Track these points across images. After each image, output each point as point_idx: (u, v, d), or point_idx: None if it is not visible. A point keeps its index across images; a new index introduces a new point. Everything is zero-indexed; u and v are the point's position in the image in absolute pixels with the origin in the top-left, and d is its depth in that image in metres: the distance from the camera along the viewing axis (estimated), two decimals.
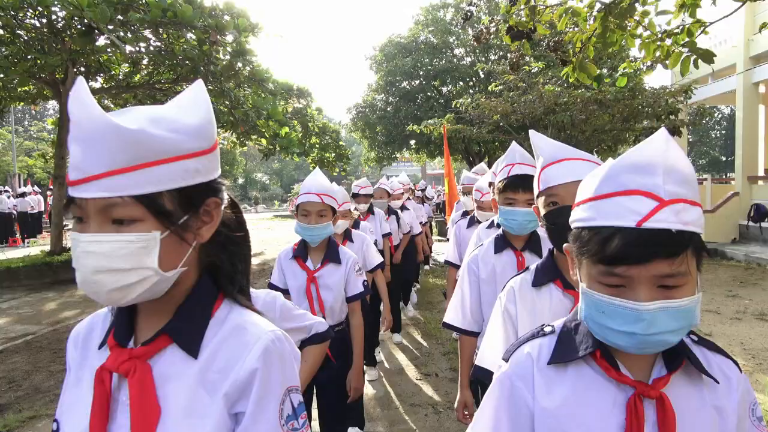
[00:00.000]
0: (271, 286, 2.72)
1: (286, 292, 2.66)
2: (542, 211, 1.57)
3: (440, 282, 9.17)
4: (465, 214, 4.88)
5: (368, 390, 4.39)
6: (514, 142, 2.34)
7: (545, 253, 2.07)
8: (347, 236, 3.83)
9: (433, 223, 14.18)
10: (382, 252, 5.28)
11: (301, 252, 2.71)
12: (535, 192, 1.61)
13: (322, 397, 2.72)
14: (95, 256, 0.82)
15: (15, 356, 5.51)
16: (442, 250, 12.65)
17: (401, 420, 3.90)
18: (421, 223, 7.25)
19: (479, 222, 3.75)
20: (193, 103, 0.93)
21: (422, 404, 4.15)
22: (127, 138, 0.80)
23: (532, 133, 1.70)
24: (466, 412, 2.25)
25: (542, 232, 2.31)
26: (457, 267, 4.01)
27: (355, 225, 4.50)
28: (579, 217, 0.95)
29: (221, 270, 0.98)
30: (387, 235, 5.40)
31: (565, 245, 1.03)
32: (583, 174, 1.39)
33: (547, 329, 1.05)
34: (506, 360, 1.05)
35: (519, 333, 1.53)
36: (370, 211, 5.32)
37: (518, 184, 2.14)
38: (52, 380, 4.76)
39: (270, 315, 1.57)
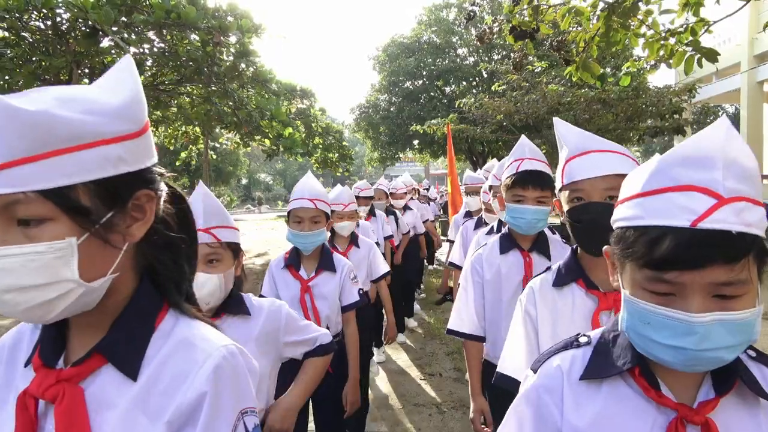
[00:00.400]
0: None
1: None
2: (565, 207, 1.45)
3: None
4: (468, 215, 4.75)
5: (371, 390, 4.40)
6: (523, 137, 2.22)
7: (553, 255, 2.10)
8: (353, 241, 3.59)
9: (437, 224, 14.16)
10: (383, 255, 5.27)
11: (293, 260, 2.56)
12: (557, 186, 1.49)
13: (318, 412, 2.58)
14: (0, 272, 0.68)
15: None
16: (445, 250, 12.65)
17: (405, 420, 3.91)
18: (427, 220, 7.25)
19: (487, 224, 3.65)
20: (115, 82, 0.79)
21: (426, 404, 4.16)
22: (26, 121, 0.66)
23: (556, 121, 1.58)
24: (483, 426, 2.10)
25: (550, 232, 2.30)
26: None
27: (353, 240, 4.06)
28: (623, 216, 0.84)
29: (163, 274, 0.84)
30: (388, 238, 5.31)
31: (605, 247, 0.93)
32: (612, 167, 1.37)
33: (583, 339, 0.97)
34: (534, 371, 0.98)
35: (540, 335, 1.47)
36: (372, 212, 5.24)
37: (528, 180, 2.02)
38: None
39: (274, 325, 1.65)
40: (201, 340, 0.81)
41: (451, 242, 4.74)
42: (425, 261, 8.50)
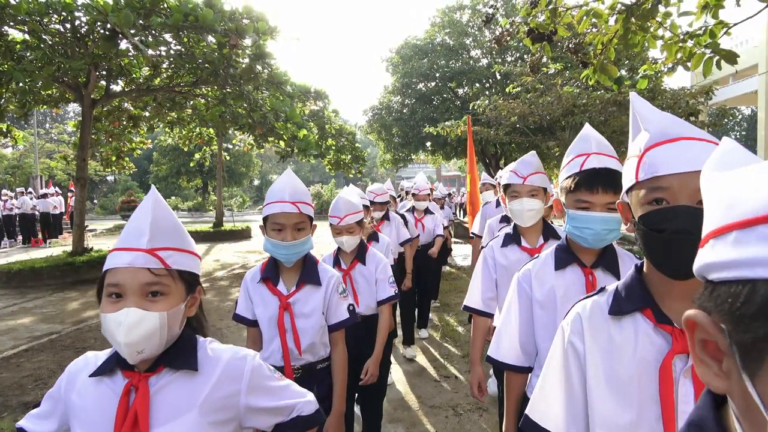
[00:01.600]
0: (237, 318, 2.20)
1: (255, 324, 2.20)
2: (638, 211, 1.08)
3: (457, 284, 9.16)
4: (506, 219, 3.99)
5: (388, 392, 4.41)
6: (587, 125, 1.80)
7: (623, 273, 1.51)
8: (359, 257, 3.06)
9: (450, 228, 14.12)
10: (401, 261, 5.18)
11: (270, 273, 2.17)
12: (628, 182, 1.13)
13: None
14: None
15: (41, 355, 5.62)
16: (460, 252, 12.65)
17: (422, 422, 3.91)
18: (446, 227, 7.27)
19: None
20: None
21: (442, 406, 4.16)
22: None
23: (633, 96, 1.20)
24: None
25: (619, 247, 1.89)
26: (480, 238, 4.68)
27: (373, 236, 4.07)
28: (727, 260, 0.48)
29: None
30: (406, 242, 5.11)
31: (697, 313, 0.51)
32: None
33: None
34: None
35: (589, 378, 1.14)
36: (386, 216, 5.00)
37: (596, 181, 1.61)
38: None
39: (233, 386, 1.23)
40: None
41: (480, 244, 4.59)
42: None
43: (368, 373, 2.76)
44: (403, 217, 5.34)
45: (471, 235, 5.18)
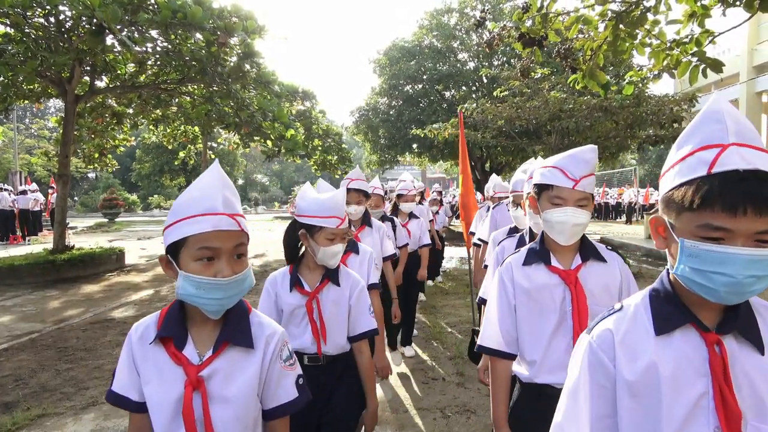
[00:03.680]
0: (113, 398, 1.40)
1: (141, 409, 1.39)
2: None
3: (443, 286, 9.18)
4: (514, 231, 3.28)
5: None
6: (714, 98, 1.04)
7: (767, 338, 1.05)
8: (329, 276, 2.26)
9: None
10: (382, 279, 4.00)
11: (173, 329, 1.37)
12: None
13: None
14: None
15: (21, 354, 5.51)
16: (451, 254, 12.67)
17: (410, 424, 3.91)
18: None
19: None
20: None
21: (430, 408, 4.16)
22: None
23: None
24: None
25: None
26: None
27: (350, 245, 3.06)
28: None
29: None
30: (389, 258, 4.06)
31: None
32: None
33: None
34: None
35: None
36: (366, 221, 3.92)
37: (741, 196, 0.94)
38: (58, 379, 4.76)
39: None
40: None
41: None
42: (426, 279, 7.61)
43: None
44: (391, 221, 4.62)
45: (476, 242, 4.75)
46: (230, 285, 1.30)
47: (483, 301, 2.60)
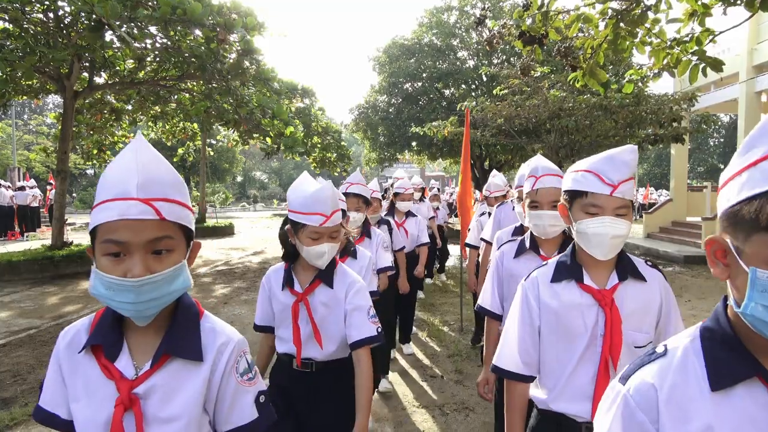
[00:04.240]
0: (40, 416, 1.22)
1: (68, 428, 1.20)
2: None
3: (441, 284, 9.18)
4: (519, 231, 3.09)
5: (375, 392, 4.40)
6: None
7: None
8: (323, 277, 2.10)
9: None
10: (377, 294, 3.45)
11: (105, 336, 1.18)
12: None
13: None
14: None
15: (19, 350, 5.50)
16: (451, 252, 12.66)
17: (408, 421, 3.91)
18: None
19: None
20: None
21: (429, 405, 4.17)
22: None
23: None
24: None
25: None
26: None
27: (348, 250, 2.91)
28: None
29: None
30: (385, 270, 3.80)
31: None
32: None
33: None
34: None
35: None
36: (366, 233, 3.77)
37: None
38: None
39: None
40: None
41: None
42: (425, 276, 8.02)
43: None
44: (387, 223, 4.45)
45: (479, 241, 4.70)
46: (144, 287, 1.05)
47: (481, 310, 2.47)
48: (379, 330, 2.04)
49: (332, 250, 2.02)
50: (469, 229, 5.51)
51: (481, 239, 4.48)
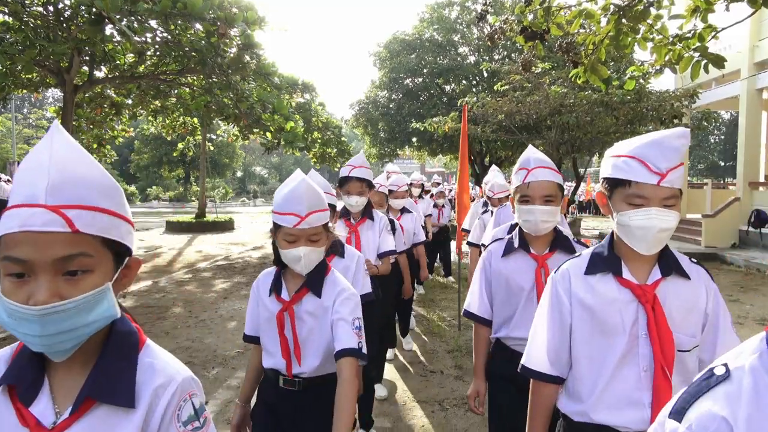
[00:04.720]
0: None
1: None
2: None
3: (442, 279, 9.19)
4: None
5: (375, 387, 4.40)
6: None
7: None
8: (311, 285, 1.93)
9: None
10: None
11: (22, 372, 0.96)
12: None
13: None
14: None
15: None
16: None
17: (408, 416, 3.92)
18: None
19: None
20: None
21: (428, 401, 4.18)
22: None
23: None
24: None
25: None
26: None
27: (335, 248, 2.66)
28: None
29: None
30: (387, 254, 3.64)
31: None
32: None
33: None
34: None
35: None
36: (368, 214, 3.58)
37: None
38: None
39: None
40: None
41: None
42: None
43: None
44: (392, 222, 3.99)
45: (473, 241, 4.71)
46: (50, 317, 0.83)
47: (468, 315, 2.30)
48: (361, 344, 1.81)
49: (311, 254, 1.82)
50: (465, 230, 5.51)
51: (469, 242, 4.59)
